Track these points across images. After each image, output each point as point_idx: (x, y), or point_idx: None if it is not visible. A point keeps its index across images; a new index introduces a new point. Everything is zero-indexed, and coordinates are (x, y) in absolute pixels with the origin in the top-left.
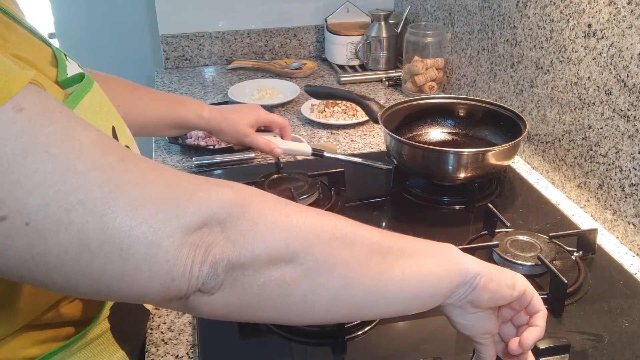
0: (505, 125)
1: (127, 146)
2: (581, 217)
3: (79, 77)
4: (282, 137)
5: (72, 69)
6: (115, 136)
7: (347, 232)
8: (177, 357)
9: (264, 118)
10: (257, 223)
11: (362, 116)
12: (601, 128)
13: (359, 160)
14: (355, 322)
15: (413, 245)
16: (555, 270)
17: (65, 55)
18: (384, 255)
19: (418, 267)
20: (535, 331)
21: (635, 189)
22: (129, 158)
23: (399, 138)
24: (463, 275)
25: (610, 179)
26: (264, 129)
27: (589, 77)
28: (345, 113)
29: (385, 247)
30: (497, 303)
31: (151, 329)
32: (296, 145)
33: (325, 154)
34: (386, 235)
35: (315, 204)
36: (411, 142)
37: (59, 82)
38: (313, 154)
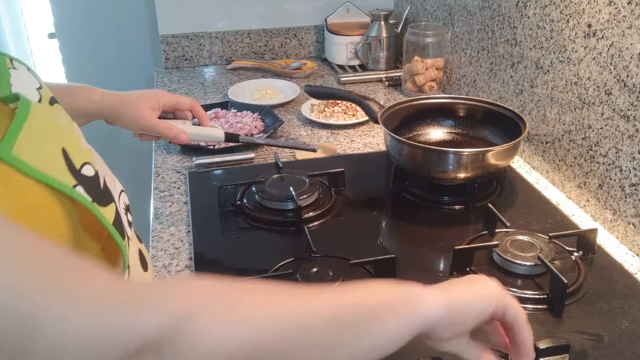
0: (505, 125)
1: (86, 162)
2: (581, 217)
3: (15, 97)
4: (200, 124)
5: (19, 76)
6: (67, 158)
7: (298, 323)
8: None
9: (167, 100)
10: (196, 348)
11: (362, 116)
12: (601, 128)
13: (280, 143)
14: None
15: (366, 309)
16: (555, 270)
17: (11, 60)
18: (338, 336)
19: (371, 339)
20: (528, 342)
21: (635, 189)
22: (56, 267)
23: (399, 138)
24: (421, 327)
25: (610, 179)
26: (174, 116)
27: (589, 77)
28: (345, 113)
29: (339, 324)
30: (462, 333)
31: None
32: (205, 130)
33: (241, 138)
34: (342, 305)
35: (315, 204)
36: (411, 142)
37: (1, 98)
38: (227, 140)
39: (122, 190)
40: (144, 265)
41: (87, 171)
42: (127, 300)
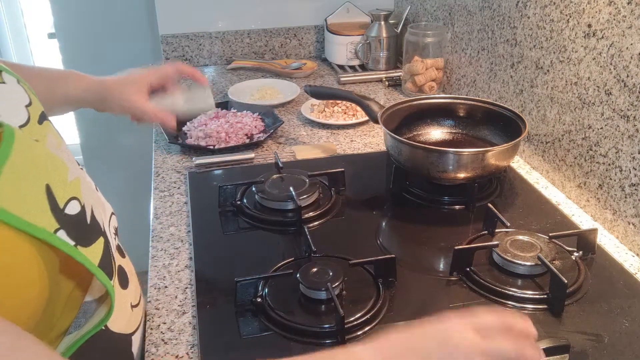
0: (505, 125)
1: (72, 198)
2: (581, 217)
3: None
4: (194, 81)
5: (6, 93)
6: (51, 196)
7: None
8: (177, 357)
9: (153, 79)
10: None
11: (362, 116)
12: (601, 128)
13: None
14: (355, 322)
15: None
16: (555, 270)
17: (1, 72)
18: None
19: None
20: None
21: (635, 189)
22: None
23: (399, 138)
24: None
25: (610, 179)
26: (164, 90)
27: (589, 77)
28: (345, 113)
29: None
30: None
31: (151, 329)
32: (195, 104)
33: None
34: None
35: (315, 204)
36: (411, 142)
37: None
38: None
39: (112, 214)
40: (124, 283)
41: (72, 209)
42: None
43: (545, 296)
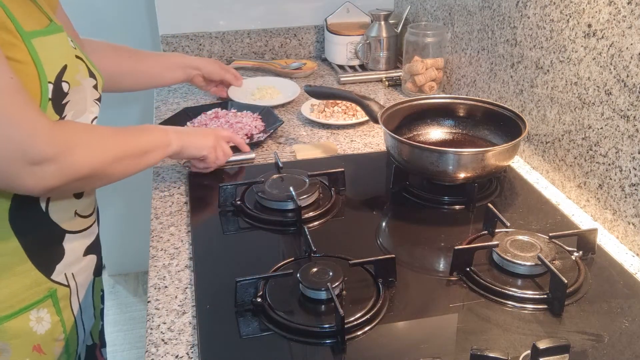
0: (505, 125)
1: (68, 84)
2: (581, 217)
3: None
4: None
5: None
6: (62, 72)
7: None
8: (177, 357)
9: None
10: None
11: (362, 116)
12: (601, 128)
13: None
14: (355, 322)
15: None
16: (555, 270)
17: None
18: (138, 155)
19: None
20: None
21: (635, 189)
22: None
23: (399, 138)
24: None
25: (610, 179)
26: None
27: (589, 77)
28: (345, 113)
29: (139, 152)
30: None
31: (151, 329)
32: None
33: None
34: (138, 143)
35: (315, 204)
36: (411, 142)
37: (41, 29)
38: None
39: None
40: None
41: (64, 87)
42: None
43: (545, 296)
